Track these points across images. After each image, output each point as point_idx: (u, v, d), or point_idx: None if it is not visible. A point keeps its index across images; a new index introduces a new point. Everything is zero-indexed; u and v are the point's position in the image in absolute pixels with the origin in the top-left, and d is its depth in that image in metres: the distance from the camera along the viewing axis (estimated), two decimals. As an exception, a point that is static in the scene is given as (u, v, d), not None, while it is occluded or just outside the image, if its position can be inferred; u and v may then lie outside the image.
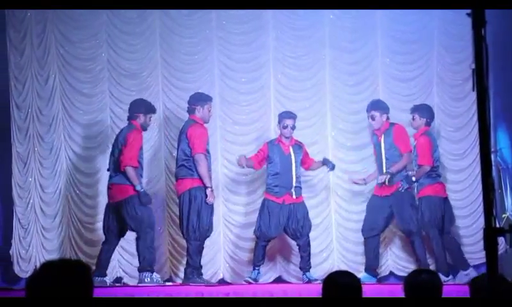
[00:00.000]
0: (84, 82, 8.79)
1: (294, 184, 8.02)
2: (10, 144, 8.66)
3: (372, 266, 8.15)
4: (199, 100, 7.95)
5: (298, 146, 8.19)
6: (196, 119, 7.90)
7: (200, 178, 7.74)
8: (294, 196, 8.01)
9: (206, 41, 8.87)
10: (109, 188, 7.90)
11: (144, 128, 7.96)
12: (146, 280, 7.69)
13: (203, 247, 7.88)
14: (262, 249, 8.02)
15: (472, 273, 7.93)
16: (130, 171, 7.69)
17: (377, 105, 8.25)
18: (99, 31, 8.80)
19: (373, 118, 8.22)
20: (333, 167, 8.29)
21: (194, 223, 7.73)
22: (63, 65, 8.75)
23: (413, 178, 8.02)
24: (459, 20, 8.59)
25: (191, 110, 7.95)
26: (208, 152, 7.86)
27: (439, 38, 8.85)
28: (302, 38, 8.93)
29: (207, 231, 7.86)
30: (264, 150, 8.18)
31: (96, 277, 7.53)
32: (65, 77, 8.74)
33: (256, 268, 8.02)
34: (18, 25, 8.70)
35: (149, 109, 7.99)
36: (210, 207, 7.83)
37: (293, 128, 8.10)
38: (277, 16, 8.86)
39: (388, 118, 8.23)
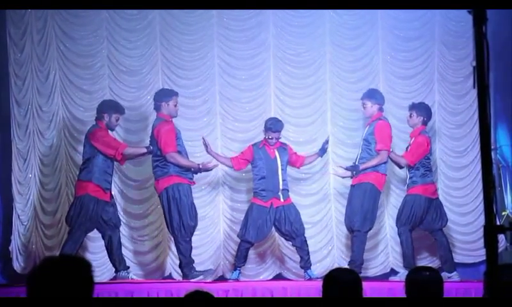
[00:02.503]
0: (84, 78, 8.79)
1: (281, 187, 7.95)
2: (10, 141, 8.66)
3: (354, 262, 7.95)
4: (163, 96, 7.93)
5: (283, 148, 8.13)
6: (163, 116, 7.88)
7: (177, 175, 7.73)
8: (281, 199, 7.96)
9: (206, 38, 8.86)
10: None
11: (110, 128, 7.92)
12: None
13: (191, 243, 7.85)
14: (245, 251, 7.96)
15: (455, 277, 7.89)
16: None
17: (371, 95, 8.17)
18: (99, 28, 8.79)
19: (364, 106, 8.19)
20: (323, 152, 8.28)
21: (178, 221, 7.72)
22: (63, 62, 8.74)
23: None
24: (460, 18, 8.61)
25: (157, 107, 7.94)
26: (180, 150, 7.80)
27: (440, 35, 8.85)
28: (302, 35, 8.93)
29: (193, 227, 7.84)
30: (246, 153, 8.13)
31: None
32: (65, 74, 8.74)
33: (238, 268, 7.98)
34: (18, 22, 8.69)
35: (115, 109, 7.95)
36: (190, 202, 7.81)
37: (278, 139, 8.07)
38: (277, 14, 8.85)
39: (380, 110, 8.14)
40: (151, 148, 7.88)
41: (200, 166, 7.84)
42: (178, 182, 7.74)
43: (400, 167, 8.19)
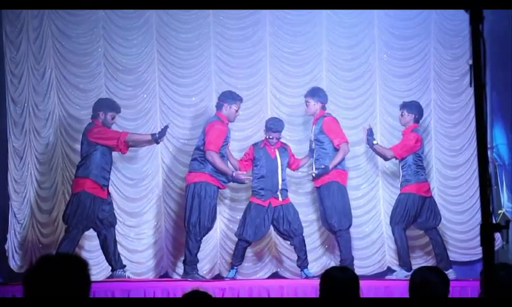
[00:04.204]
0: (81, 77, 8.77)
1: (279, 187, 7.97)
2: (6, 139, 8.64)
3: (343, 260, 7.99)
4: (228, 98, 7.97)
5: (283, 148, 8.15)
6: (220, 116, 7.93)
7: (210, 174, 7.76)
8: (280, 199, 7.97)
9: (203, 37, 8.86)
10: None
11: (105, 126, 7.87)
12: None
13: (201, 243, 7.89)
14: (242, 250, 7.98)
15: (451, 275, 7.90)
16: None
17: (313, 93, 8.19)
18: (96, 26, 8.78)
19: (307, 104, 8.20)
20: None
21: (195, 218, 7.75)
22: (59, 60, 8.73)
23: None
24: (456, 16, 8.64)
25: (218, 106, 7.99)
26: (222, 152, 7.83)
27: (436, 33, 8.86)
28: (299, 33, 8.93)
29: (208, 229, 7.88)
30: (250, 153, 8.15)
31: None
32: (61, 72, 8.72)
33: (235, 267, 7.99)
34: (14, 20, 8.67)
35: (110, 107, 7.92)
36: (213, 205, 7.84)
37: (278, 139, 8.07)
38: (274, 12, 8.85)
39: (323, 108, 8.16)
40: (156, 135, 7.90)
41: (234, 175, 7.83)
42: (209, 181, 7.76)
43: (386, 159, 8.21)
